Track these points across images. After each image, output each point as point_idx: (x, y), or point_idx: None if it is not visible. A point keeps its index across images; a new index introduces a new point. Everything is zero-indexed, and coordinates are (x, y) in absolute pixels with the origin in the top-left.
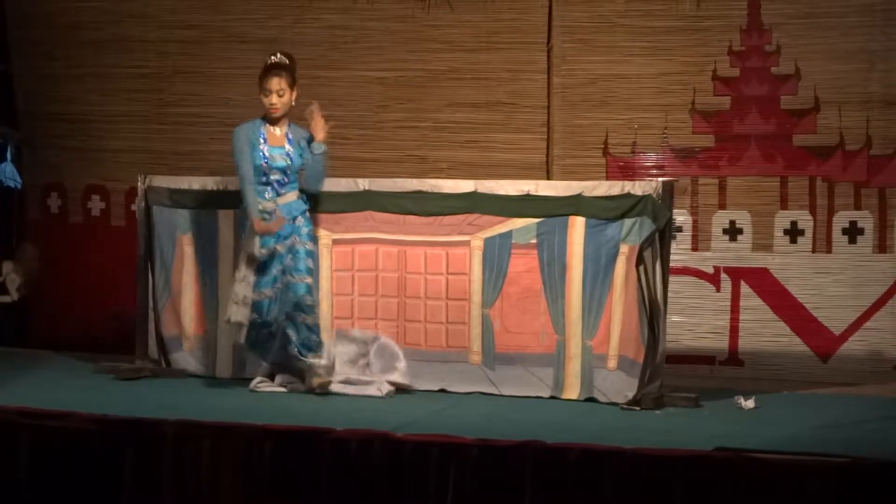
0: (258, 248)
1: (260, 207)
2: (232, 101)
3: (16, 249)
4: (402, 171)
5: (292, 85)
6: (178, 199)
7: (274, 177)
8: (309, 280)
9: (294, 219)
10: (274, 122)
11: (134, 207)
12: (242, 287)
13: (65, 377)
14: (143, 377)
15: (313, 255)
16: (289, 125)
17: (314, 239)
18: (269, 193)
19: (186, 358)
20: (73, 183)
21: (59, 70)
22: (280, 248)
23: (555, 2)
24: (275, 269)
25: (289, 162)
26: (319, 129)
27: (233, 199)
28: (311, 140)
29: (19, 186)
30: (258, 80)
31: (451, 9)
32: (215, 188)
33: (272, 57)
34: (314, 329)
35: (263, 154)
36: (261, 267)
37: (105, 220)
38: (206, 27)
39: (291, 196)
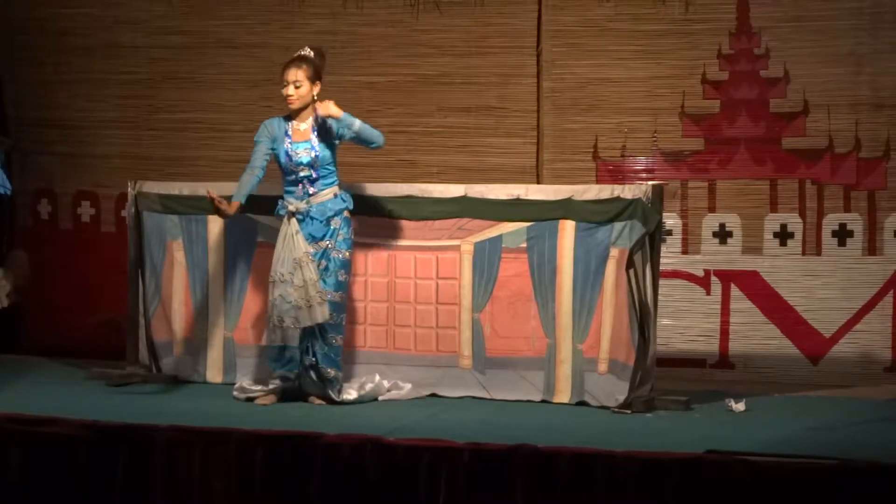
0: (304, 247)
1: (292, 208)
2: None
3: (6, 256)
4: (392, 175)
5: (313, 78)
6: (168, 204)
7: (302, 173)
8: (337, 297)
9: (328, 220)
10: (296, 116)
11: (124, 213)
12: (314, 287)
13: (56, 383)
14: (134, 383)
15: (347, 265)
16: (315, 118)
17: (350, 244)
18: (299, 192)
19: (177, 363)
20: (63, 189)
21: (49, 76)
22: (313, 248)
23: (544, 6)
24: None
25: (313, 155)
26: (329, 108)
27: None
28: (329, 126)
29: (9, 193)
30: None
31: (440, 14)
32: (205, 193)
33: (299, 51)
34: (336, 350)
35: (287, 151)
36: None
37: (95, 226)
38: (195, 33)
39: (326, 194)
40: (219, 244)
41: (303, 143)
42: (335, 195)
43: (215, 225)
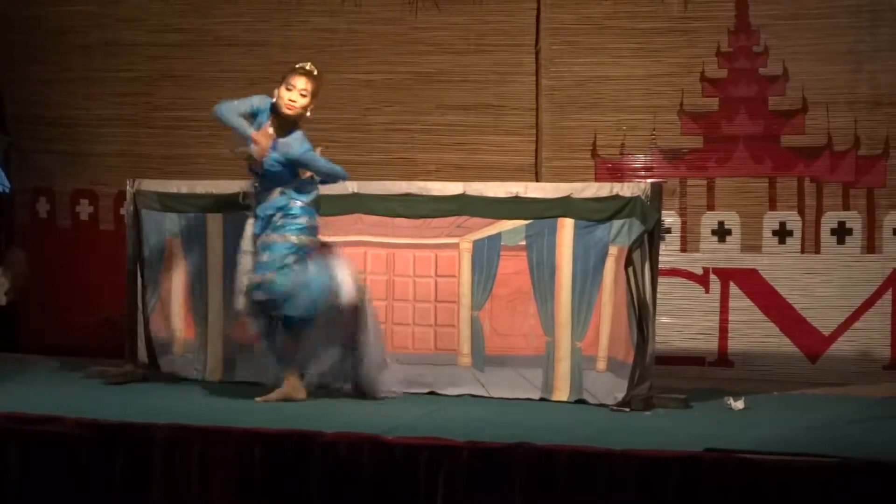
0: (246, 241)
1: (248, 201)
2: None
3: (4, 254)
4: (390, 173)
5: (315, 96)
6: (166, 202)
7: (255, 173)
8: (272, 276)
9: (269, 217)
10: (276, 118)
11: (123, 211)
12: (245, 276)
13: (54, 382)
14: (132, 381)
15: (294, 249)
16: (289, 133)
17: (300, 229)
18: (252, 188)
19: (176, 361)
20: (61, 187)
21: (47, 74)
22: (259, 242)
23: (542, 4)
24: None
25: (263, 170)
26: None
27: (221, 203)
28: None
29: (8, 191)
30: (284, 76)
31: (438, 11)
32: (204, 191)
33: (308, 64)
34: (281, 343)
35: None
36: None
37: (94, 225)
38: (194, 31)
39: (273, 194)
40: (217, 242)
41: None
42: (281, 193)
43: (214, 223)
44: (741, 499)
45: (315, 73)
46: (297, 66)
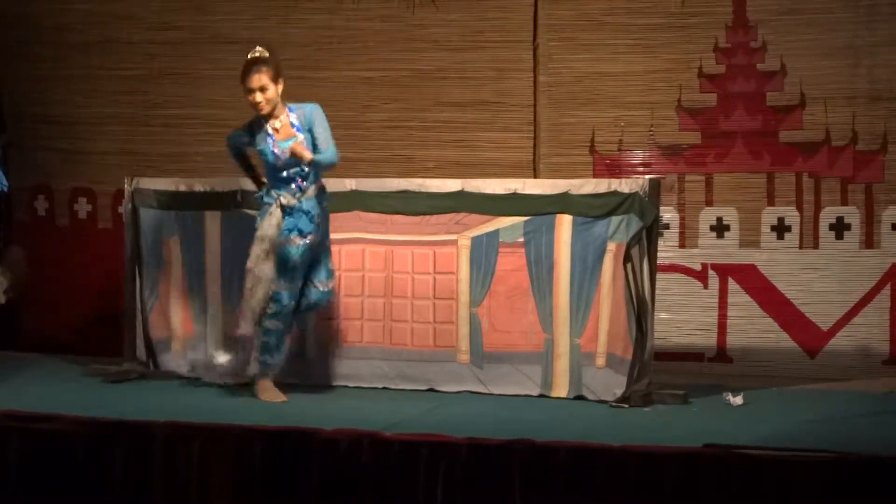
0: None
1: (284, 202)
2: None
3: (2, 252)
4: (388, 170)
5: (275, 78)
6: (165, 201)
7: (292, 171)
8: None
9: (314, 216)
10: (270, 116)
11: (121, 210)
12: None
13: (53, 380)
14: (131, 379)
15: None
16: (288, 111)
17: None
18: (293, 189)
19: (175, 360)
20: (59, 185)
21: (45, 72)
22: (300, 241)
23: (540, 0)
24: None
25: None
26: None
27: (220, 201)
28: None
29: (6, 189)
30: (241, 81)
31: (436, 8)
32: (202, 190)
33: (251, 53)
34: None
35: (274, 152)
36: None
37: (92, 223)
38: (192, 28)
39: (314, 191)
40: (215, 240)
41: (289, 141)
42: (316, 193)
43: (212, 221)
44: (740, 494)
45: (259, 58)
46: (246, 60)
